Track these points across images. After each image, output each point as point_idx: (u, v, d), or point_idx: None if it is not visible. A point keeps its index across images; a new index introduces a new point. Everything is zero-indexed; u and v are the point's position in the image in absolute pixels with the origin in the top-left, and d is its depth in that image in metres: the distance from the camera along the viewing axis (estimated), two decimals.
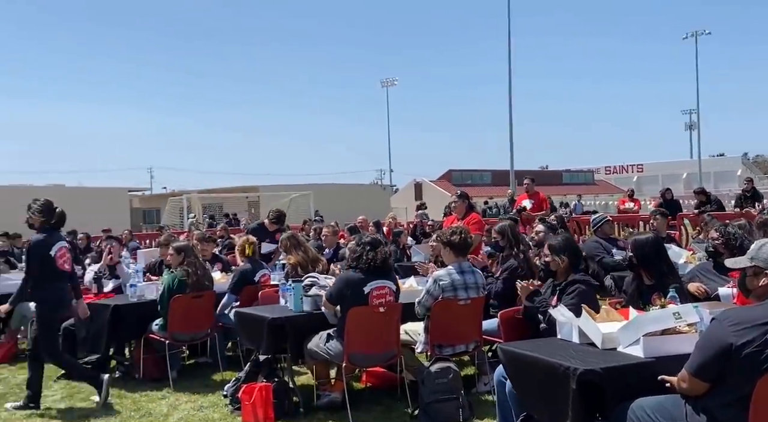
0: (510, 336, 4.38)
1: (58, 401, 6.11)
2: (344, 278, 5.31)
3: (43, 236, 5.92)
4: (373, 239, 5.45)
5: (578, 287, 4.35)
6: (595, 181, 67.43)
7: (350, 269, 5.36)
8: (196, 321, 6.57)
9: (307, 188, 37.39)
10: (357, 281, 5.19)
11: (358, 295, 5.14)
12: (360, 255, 5.26)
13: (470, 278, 5.32)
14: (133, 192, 44.15)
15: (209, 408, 5.72)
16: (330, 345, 5.17)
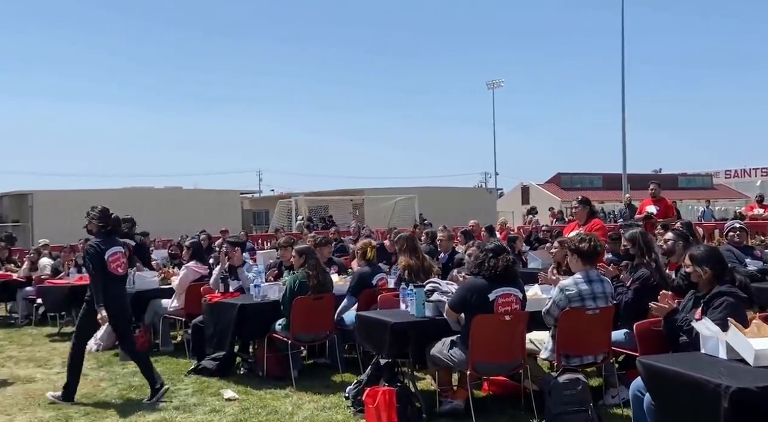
0: (647, 349, 4.19)
1: (189, 395, 6.41)
2: (468, 285, 5.27)
3: (99, 240, 6.39)
4: (496, 246, 5.38)
5: (726, 299, 4.10)
6: (714, 185, 63.96)
7: (473, 276, 5.32)
8: (317, 322, 6.73)
9: (412, 191, 37.54)
10: (481, 288, 5.14)
11: (482, 302, 5.09)
12: (482, 262, 5.21)
13: (598, 287, 5.15)
14: (244, 194, 45.84)
15: (332, 409, 5.83)
16: (454, 351, 5.15)
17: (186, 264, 8.42)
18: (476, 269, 5.25)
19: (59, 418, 5.85)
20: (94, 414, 5.91)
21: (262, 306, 6.94)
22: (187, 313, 8.09)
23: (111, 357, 8.21)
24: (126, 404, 6.22)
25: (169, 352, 8.34)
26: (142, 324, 8.60)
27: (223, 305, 6.99)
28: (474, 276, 5.28)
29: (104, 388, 6.82)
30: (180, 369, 7.42)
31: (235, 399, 6.21)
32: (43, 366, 7.99)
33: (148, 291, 8.57)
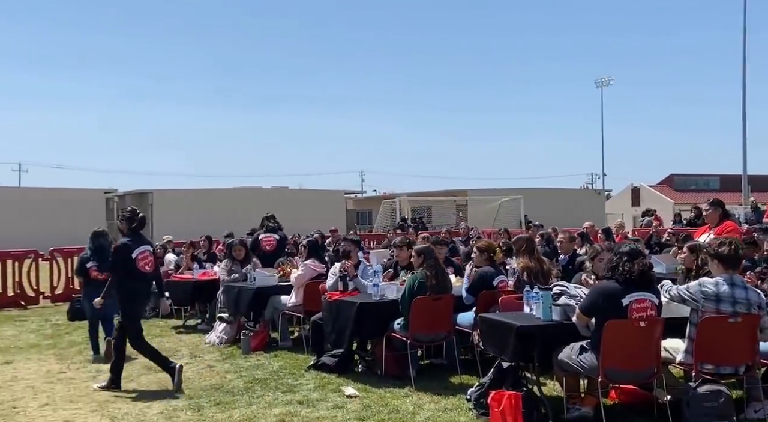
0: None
1: (311, 390, 6.55)
2: (599, 289, 5.10)
3: (128, 240, 6.86)
4: (631, 249, 5.17)
5: None
6: None
7: (606, 280, 5.14)
8: (436, 322, 6.71)
9: (517, 192, 36.96)
10: (614, 293, 4.96)
11: (615, 307, 4.91)
12: (617, 265, 5.03)
13: (741, 293, 4.85)
14: (347, 195, 46.64)
15: (453, 410, 5.80)
16: (584, 357, 4.99)
17: (304, 262, 8.63)
18: (610, 272, 5.08)
19: (192, 407, 6.12)
20: (224, 405, 6.14)
21: (381, 305, 7.00)
22: (306, 310, 8.30)
23: (234, 350, 8.52)
24: (252, 395, 6.43)
25: (288, 347, 8.57)
26: (262, 319, 8.91)
27: (343, 304, 7.10)
28: (607, 280, 5.10)
29: (230, 380, 7.08)
30: (300, 364, 7.61)
31: (355, 396, 6.29)
32: (172, 356, 8.33)
33: (268, 288, 8.83)
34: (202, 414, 5.91)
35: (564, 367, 5.17)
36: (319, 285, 8.07)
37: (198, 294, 10.22)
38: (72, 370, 7.78)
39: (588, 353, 4.98)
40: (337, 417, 5.71)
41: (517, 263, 7.21)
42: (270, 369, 7.48)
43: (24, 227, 29.09)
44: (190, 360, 8.11)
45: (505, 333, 5.43)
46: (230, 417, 5.78)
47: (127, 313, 6.90)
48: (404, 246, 8.14)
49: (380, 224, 35.84)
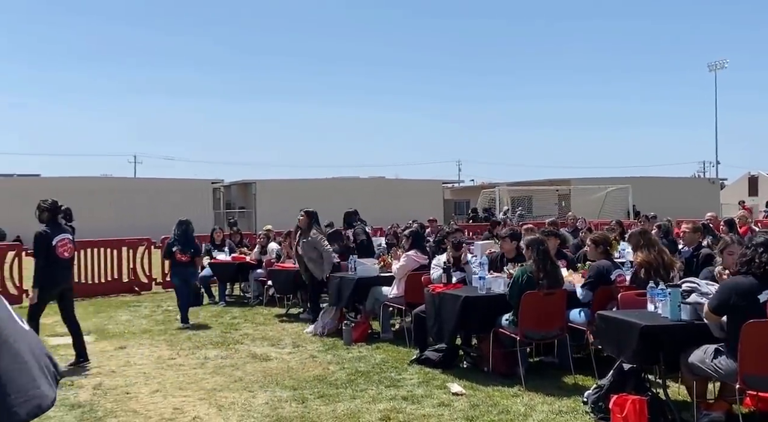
0: None
1: (415, 386, 6.34)
2: (731, 285, 4.60)
3: (47, 228, 7.17)
4: (766, 239, 4.64)
5: None
6: None
7: (739, 275, 4.63)
8: (547, 318, 6.35)
9: (623, 181, 35.40)
10: (747, 289, 4.45)
11: (751, 304, 4.40)
12: (751, 258, 4.51)
13: None
14: (445, 184, 46.24)
15: (568, 413, 5.43)
16: (719, 361, 4.51)
17: (406, 253, 8.42)
18: (744, 266, 4.57)
19: (296, 398, 6.05)
20: (328, 398, 6.04)
21: (487, 299, 6.70)
22: (407, 301, 8.10)
23: (336, 340, 8.46)
24: (355, 389, 6.30)
25: (389, 339, 8.41)
26: (363, 310, 8.79)
27: (446, 296, 6.84)
28: (741, 275, 4.58)
29: (333, 372, 6.99)
30: (402, 358, 7.43)
31: (462, 394, 6.03)
32: (275, 345, 8.43)
33: (369, 278, 8.69)
34: (306, 406, 5.83)
35: (696, 371, 4.70)
36: (422, 277, 7.85)
37: (300, 283, 10.23)
38: (181, 356, 7.94)
39: (723, 356, 4.50)
40: (443, 416, 5.47)
41: (635, 259, 6.70)
42: (372, 362, 7.34)
43: (138, 216, 30.53)
44: (293, 350, 8.10)
45: (628, 332, 5.01)
46: (334, 411, 5.66)
47: (40, 295, 7.19)
48: (507, 238, 7.79)
49: (480, 215, 35.28)
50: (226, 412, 5.76)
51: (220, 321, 10.32)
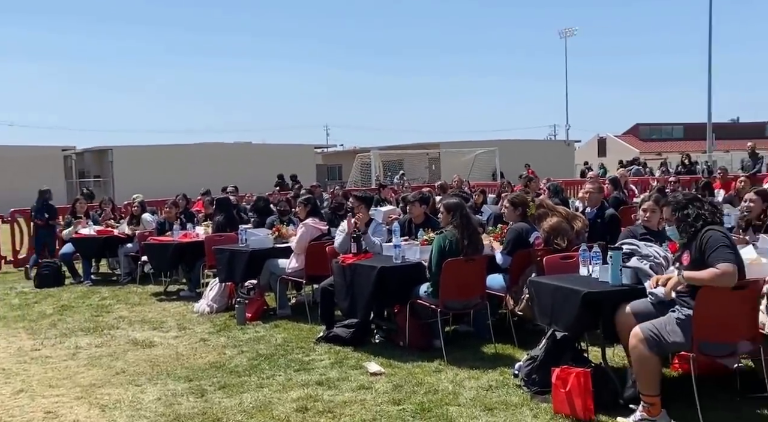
0: None
1: (328, 368, 5.75)
2: (730, 239, 4.21)
3: None
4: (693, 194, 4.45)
5: None
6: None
7: (717, 230, 4.27)
8: (468, 287, 5.94)
9: (489, 144, 36.19)
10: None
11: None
12: (713, 213, 4.31)
13: None
14: (317, 149, 45.37)
15: (499, 388, 5.05)
16: (676, 328, 4.20)
17: (304, 222, 7.73)
18: (707, 221, 4.25)
19: (193, 391, 5.27)
20: (231, 388, 5.30)
21: (403, 269, 6.18)
22: (308, 274, 7.44)
23: (227, 319, 7.67)
24: (261, 376, 5.60)
25: (288, 316, 7.73)
26: (258, 286, 8.02)
27: (360, 268, 6.24)
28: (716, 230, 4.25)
29: (231, 357, 6.23)
30: (306, 336, 6.80)
31: (381, 373, 5.51)
32: (158, 328, 7.51)
33: (263, 251, 7.92)
34: (207, 400, 5.07)
35: (650, 343, 4.29)
36: (326, 246, 7.20)
37: (180, 258, 9.26)
38: (47, 347, 6.85)
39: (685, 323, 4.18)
40: (366, 400, 4.92)
41: (541, 226, 6.40)
42: (274, 343, 6.64)
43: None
44: (180, 333, 7.23)
45: (566, 299, 4.66)
46: (241, 404, 4.94)
47: None
48: (417, 202, 7.31)
49: (352, 180, 34.87)
50: (111, 413, 4.89)
51: (87, 302, 9.15)
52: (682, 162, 20.42)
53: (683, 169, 19.46)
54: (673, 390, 4.51)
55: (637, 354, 4.20)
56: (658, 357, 4.24)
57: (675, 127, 60.00)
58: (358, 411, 4.73)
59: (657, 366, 4.24)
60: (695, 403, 4.15)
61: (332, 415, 4.68)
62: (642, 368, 4.21)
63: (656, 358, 4.22)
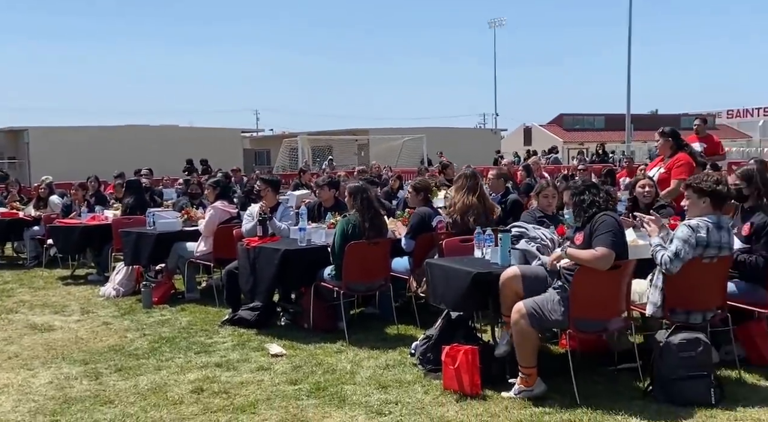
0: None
1: (229, 350, 5.75)
2: (619, 226, 4.43)
3: None
4: (590, 181, 4.66)
5: None
6: (716, 125, 63.07)
7: (609, 215, 4.49)
8: (371, 269, 6.04)
9: (417, 131, 36.48)
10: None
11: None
12: (607, 200, 4.50)
13: (726, 236, 4.42)
14: (244, 133, 44.70)
15: (396, 367, 5.18)
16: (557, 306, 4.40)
17: (212, 204, 7.65)
18: (602, 208, 4.46)
19: (88, 374, 5.18)
20: (127, 371, 5.24)
21: (308, 252, 6.22)
22: (217, 257, 7.39)
23: (133, 303, 7.53)
24: (160, 358, 5.55)
25: (196, 300, 7.66)
26: (165, 269, 7.92)
27: (264, 251, 6.25)
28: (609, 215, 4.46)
29: (132, 340, 6.14)
30: (212, 319, 6.76)
31: (282, 355, 5.55)
32: (60, 312, 7.31)
33: (171, 234, 7.81)
34: (101, 383, 4.99)
35: (532, 321, 4.48)
36: (233, 230, 7.17)
37: (88, 241, 9.02)
38: None
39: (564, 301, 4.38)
40: (264, 381, 4.95)
41: (454, 199, 6.53)
42: (178, 326, 6.58)
43: None
44: (82, 317, 7.06)
45: (458, 279, 4.81)
46: (136, 386, 4.89)
47: None
48: (325, 186, 7.35)
49: (280, 165, 34.59)
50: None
51: None
52: (596, 152, 21.18)
53: (597, 158, 20.19)
54: (558, 365, 4.73)
55: (519, 328, 4.38)
56: (537, 332, 4.45)
57: (597, 117, 61.80)
58: (253, 391, 4.76)
59: (535, 341, 4.46)
60: (580, 376, 4.39)
61: (227, 396, 4.69)
62: (522, 341, 4.40)
63: (535, 333, 4.42)
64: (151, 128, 39.14)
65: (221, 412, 4.39)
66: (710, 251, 4.37)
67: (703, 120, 10.82)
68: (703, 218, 4.39)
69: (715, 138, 10.71)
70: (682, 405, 4.17)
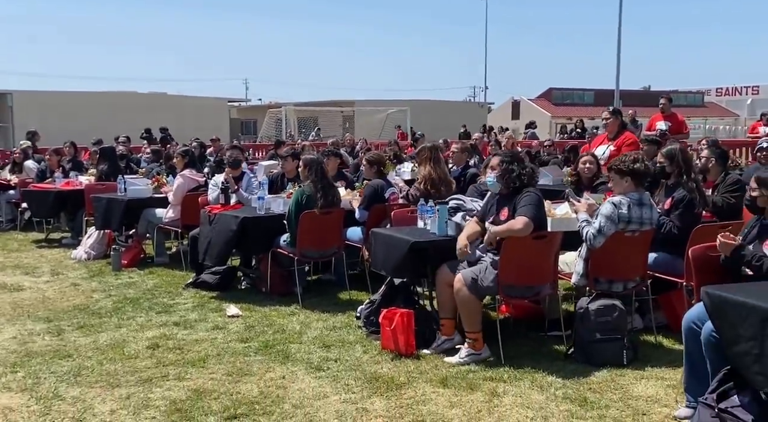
0: (706, 278, 3.82)
1: (189, 310, 6.06)
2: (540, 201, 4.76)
3: None
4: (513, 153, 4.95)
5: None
6: (705, 103, 63.36)
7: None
8: (324, 238, 6.33)
9: (403, 103, 36.58)
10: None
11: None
12: (532, 175, 4.82)
13: (647, 213, 4.73)
14: (231, 103, 44.61)
15: (342, 328, 5.52)
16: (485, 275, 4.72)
17: (181, 173, 7.91)
18: (516, 182, 4.77)
19: (51, 331, 5.49)
20: (89, 328, 5.55)
21: (266, 220, 6.52)
22: (184, 224, 7.67)
23: (103, 266, 7.82)
24: (122, 317, 5.86)
25: (165, 264, 7.95)
26: (135, 234, 8.19)
27: (224, 218, 6.54)
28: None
29: (97, 300, 6.44)
30: (177, 282, 7.06)
31: (238, 316, 5.87)
32: (30, 273, 7.60)
33: (141, 200, 8.07)
34: (63, 338, 5.30)
35: (472, 287, 4.78)
36: (199, 198, 7.44)
37: (61, 205, 9.27)
38: None
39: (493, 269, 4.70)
40: (217, 339, 5.28)
41: (419, 173, 6.81)
42: (144, 288, 6.89)
43: None
44: (52, 278, 7.35)
45: (398, 248, 5.12)
46: (95, 342, 5.21)
47: None
48: (289, 157, 7.61)
49: (265, 135, 34.66)
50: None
51: None
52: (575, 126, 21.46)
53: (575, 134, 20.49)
54: (492, 330, 5.06)
55: (461, 296, 4.70)
56: (478, 299, 4.77)
57: (586, 92, 61.86)
58: (206, 348, 5.08)
59: (478, 307, 4.77)
60: (510, 340, 4.77)
61: (180, 351, 5.01)
62: (465, 308, 4.73)
63: (477, 300, 4.74)
64: (139, 94, 39.05)
65: (172, 366, 4.71)
66: (632, 226, 4.70)
67: (668, 99, 11.13)
68: (626, 196, 4.71)
69: (679, 117, 11.03)
70: (597, 366, 4.52)
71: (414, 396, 4.14)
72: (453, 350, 4.87)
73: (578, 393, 4.11)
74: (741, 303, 3.12)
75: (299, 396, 4.17)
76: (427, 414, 3.90)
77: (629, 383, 4.27)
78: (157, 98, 38.35)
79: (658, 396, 4.07)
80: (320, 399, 4.14)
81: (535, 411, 3.90)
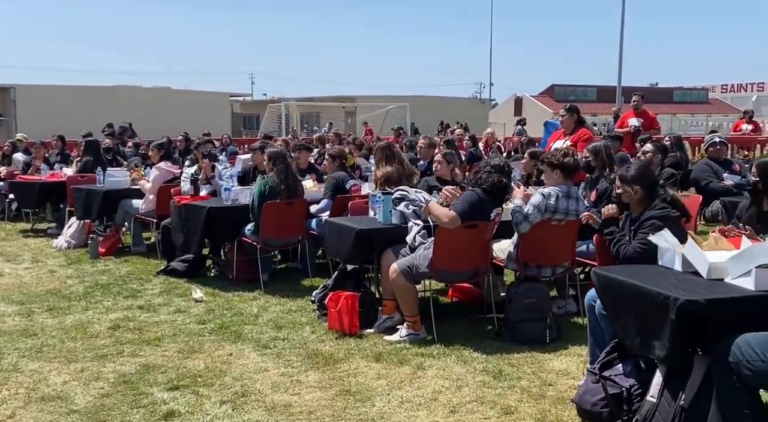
0: (605, 260, 4.13)
1: (155, 295, 6.39)
2: (469, 197, 5.04)
3: None
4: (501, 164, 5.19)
5: (654, 223, 4.10)
6: (709, 100, 63.34)
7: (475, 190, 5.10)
8: (287, 227, 6.65)
9: (404, 99, 36.85)
10: (478, 202, 5.00)
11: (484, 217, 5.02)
12: (481, 176, 5.07)
13: (573, 205, 5.03)
14: (234, 97, 45.01)
15: (297, 312, 5.83)
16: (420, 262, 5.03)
17: (156, 165, 8.24)
18: (474, 182, 5.11)
19: (21, 313, 5.82)
20: (57, 310, 5.89)
21: (233, 210, 6.84)
22: (159, 214, 7.98)
23: (81, 254, 8.16)
24: (90, 301, 6.20)
25: (141, 253, 8.28)
26: (113, 223, 8.53)
27: (191, 208, 6.87)
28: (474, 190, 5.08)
29: (70, 285, 6.78)
30: (150, 270, 7.38)
31: (202, 300, 6.19)
32: (12, 260, 7.95)
33: (119, 191, 8.41)
34: (32, 319, 5.64)
35: (408, 275, 5.10)
36: (172, 189, 7.76)
37: (46, 196, 9.63)
38: None
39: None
40: (176, 321, 5.60)
41: (376, 173, 7.12)
42: (117, 275, 7.22)
43: None
44: (31, 265, 7.70)
45: (347, 235, 5.43)
46: (61, 323, 5.54)
47: None
48: (259, 150, 7.92)
49: (265, 130, 34.98)
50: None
51: None
52: None
53: None
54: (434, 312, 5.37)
55: (398, 284, 5.02)
56: (414, 285, 5.08)
57: (589, 89, 61.93)
58: (164, 329, 5.41)
59: (413, 293, 5.09)
60: (449, 321, 5.14)
61: (139, 332, 5.34)
62: (402, 295, 5.05)
63: (412, 286, 5.06)
64: (143, 89, 39.45)
65: (129, 344, 5.04)
66: (558, 216, 5.00)
67: (641, 96, 11.40)
68: (554, 188, 5.01)
69: (650, 114, 11.30)
70: (523, 344, 4.83)
71: (347, 370, 4.47)
72: (395, 329, 5.18)
73: (497, 367, 4.43)
74: (620, 282, 3.41)
75: (241, 371, 4.50)
76: (354, 384, 4.22)
77: (546, 359, 4.58)
78: (161, 92, 38.80)
79: (570, 369, 4.38)
80: (260, 372, 4.46)
81: (452, 381, 4.22)
